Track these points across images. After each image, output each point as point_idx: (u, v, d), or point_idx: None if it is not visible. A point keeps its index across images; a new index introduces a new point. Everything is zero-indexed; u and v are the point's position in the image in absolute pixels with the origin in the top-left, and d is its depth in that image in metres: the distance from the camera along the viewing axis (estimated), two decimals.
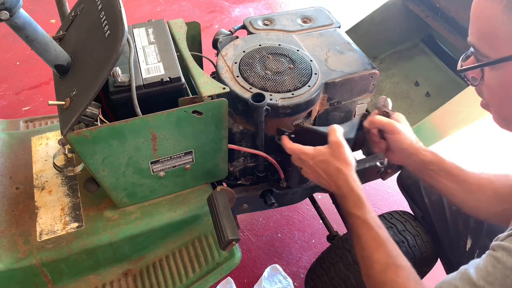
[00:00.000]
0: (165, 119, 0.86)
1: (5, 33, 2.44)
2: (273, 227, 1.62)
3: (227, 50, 1.09)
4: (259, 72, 1.02)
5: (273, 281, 1.42)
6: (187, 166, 1.00)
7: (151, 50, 1.01)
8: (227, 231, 0.89)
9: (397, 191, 1.73)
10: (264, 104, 0.89)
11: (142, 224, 1.02)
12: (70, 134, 0.80)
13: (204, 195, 1.06)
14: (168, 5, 2.84)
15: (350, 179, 0.84)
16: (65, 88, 0.89)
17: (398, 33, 1.60)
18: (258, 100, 0.90)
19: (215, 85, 0.91)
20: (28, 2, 2.71)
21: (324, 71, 1.07)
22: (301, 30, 1.21)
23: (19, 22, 0.77)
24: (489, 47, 0.62)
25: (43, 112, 2.01)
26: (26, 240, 0.96)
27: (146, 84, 0.92)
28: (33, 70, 2.26)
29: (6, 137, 1.19)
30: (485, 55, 0.63)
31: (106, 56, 0.79)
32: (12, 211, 1.01)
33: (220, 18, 2.76)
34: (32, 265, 0.94)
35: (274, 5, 2.95)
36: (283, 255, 1.53)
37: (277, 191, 1.13)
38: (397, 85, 1.58)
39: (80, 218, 1.01)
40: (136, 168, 0.94)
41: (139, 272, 1.06)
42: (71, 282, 1.02)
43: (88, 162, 0.87)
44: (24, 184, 1.07)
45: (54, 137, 1.20)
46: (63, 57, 0.89)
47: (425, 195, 1.14)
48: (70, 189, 1.07)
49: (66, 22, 1.01)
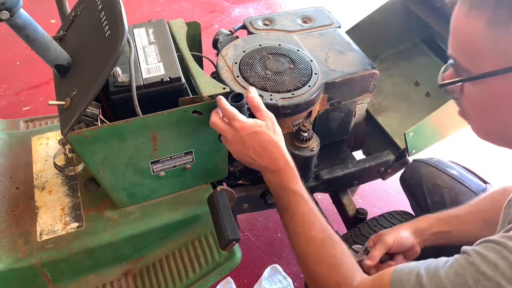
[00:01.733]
0: (165, 119, 0.86)
1: (5, 33, 2.44)
2: (273, 227, 1.62)
3: (227, 50, 1.09)
4: (259, 72, 1.02)
5: (273, 281, 1.42)
6: (187, 166, 1.00)
7: (151, 50, 1.01)
8: (227, 231, 0.89)
9: (397, 191, 1.73)
10: (243, 103, 0.85)
11: (142, 224, 1.02)
12: (70, 134, 0.80)
13: (204, 195, 1.06)
14: (168, 5, 2.84)
15: (286, 153, 0.81)
16: (65, 88, 0.89)
17: (398, 33, 1.60)
18: (237, 100, 0.86)
19: (215, 85, 0.91)
20: (28, 2, 2.70)
21: (324, 71, 1.07)
22: (301, 30, 1.21)
23: (19, 22, 0.77)
24: (470, 62, 0.61)
25: (43, 112, 2.01)
26: (26, 240, 0.96)
27: (146, 84, 0.92)
28: (33, 70, 2.26)
29: (6, 137, 1.19)
30: (466, 69, 0.62)
31: (106, 56, 0.79)
32: (12, 211, 1.01)
33: (220, 18, 2.76)
34: (32, 265, 0.94)
35: (274, 5, 2.95)
36: (283, 255, 1.53)
37: None
38: (397, 85, 1.58)
39: (80, 218, 1.01)
40: (136, 168, 0.94)
41: (139, 272, 1.06)
42: (71, 282, 1.02)
43: (88, 162, 0.87)
44: (24, 184, 1.07)
45: (54, 137, 1.20)
46: (63, 57, 0.89)
47: (428, 195, 1.13)
48: (70, 189, 1.07)
49: (66, 22, 1.01)
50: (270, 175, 0.82)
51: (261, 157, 0.81)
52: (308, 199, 0.80)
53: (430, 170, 1.16)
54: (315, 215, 0.78)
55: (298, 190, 0.80)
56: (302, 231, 0.77)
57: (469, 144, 1.96)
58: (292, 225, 0.79)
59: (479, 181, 1.13)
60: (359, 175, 1.23)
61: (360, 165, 1.22)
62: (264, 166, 0.81)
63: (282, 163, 0.80)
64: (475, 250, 0.59)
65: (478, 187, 1.10)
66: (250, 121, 0.81)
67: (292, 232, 0.80)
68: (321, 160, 1.24)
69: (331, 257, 0.74)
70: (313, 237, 0.76)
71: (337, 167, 1.21)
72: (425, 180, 1.15)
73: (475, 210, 0.93)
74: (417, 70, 1.59)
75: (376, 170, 1.26)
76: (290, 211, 0.80)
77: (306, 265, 0.77)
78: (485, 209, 0.91)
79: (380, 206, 1.73)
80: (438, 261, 0.63)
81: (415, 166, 1.20)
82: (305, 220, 0.78)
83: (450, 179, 1.12)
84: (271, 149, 0.80)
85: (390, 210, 1.20)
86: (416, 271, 0.63)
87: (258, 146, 0.80)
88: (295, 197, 0.79)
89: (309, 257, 0.76)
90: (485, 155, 1.94)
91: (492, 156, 1.94)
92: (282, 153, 0.81)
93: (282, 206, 0.82)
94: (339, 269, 0.73)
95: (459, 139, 1.87)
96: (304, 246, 0.77)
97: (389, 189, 1.79)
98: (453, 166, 1.17)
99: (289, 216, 0.80)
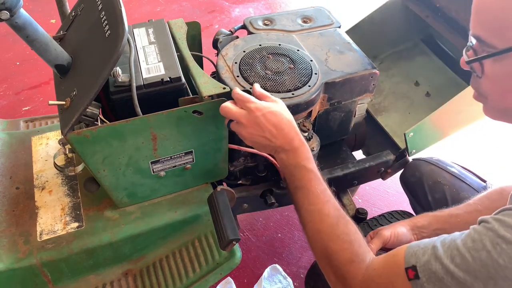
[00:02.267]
0: (165, 119, 0.86)
1: (5, 33, 2.44)
2: (273, 227, 1.62)
3: (227, 50, 1.09)
4: (259, 72, 1.02)
5: (273, 281, 1.42)
6: (187, 166, 1.00)
7: (152, 50, 1.01)
8: (228, 231, 0.89)
9: (397, 191, 1.73)
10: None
11: (142, 224, 1.02)
12: (71, 134, 0.80)
13: (204, 195, 1.06)
14: (168, 5, 2.84)
15: (299, 132, 0.83)
16: (66, 88, 0.89)
17: (398, 33, 1.60)
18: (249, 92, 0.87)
19: (216, 85, 0.91)
20: (28, 2, 2.70)
21: (324, 71, 1.07)
22: (301, 30, 1.21)
23: (19, 22, 0.77)
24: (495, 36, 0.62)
25: (43, 112, 2.01)
26: (26, 240, 0.96)
27: (146, 84, 0.92)
28: (33, 70, 2.26)
29: (6, 137, 1.19)
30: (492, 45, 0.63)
31: (107, 56, 0.79)
32: (12, 211, 1.01)
33: (220, 18, 2.76)
34: (32, 265, 0.94)
35: (274, 5, 2.95)
36: (283, 255, 1.53)
37: (277, 191, 1.13)
38: (397, 85, 1.58)
39: (80, 218, 1.01)
40: (136, 168, 0.94)
41: (139, 272, 1.06)
42: (71, 282, 1.01)
43: (88, 162, 0.87)
44: (24, 184, 1.07)
45: (54, 137, 1.20)
46: (63, 57, 0.88)
47: (428, 192, 1.14)
48: (70, 189, 1.07)
49: (66, 22, 1.01)
50: (285, 154, 0.82)
51: (276, 137, 0.81)
52: (322, 178, 0.80)
53: (431, 168, 1.16)
54: (329, 194, 0.79)
55: (313, 168, 0.81)
56: (316, 209, 0.77)
57: (469, 144, 1.96)
58: (307, 203, 0.79)
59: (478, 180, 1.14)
60: (359, 175, 1.24)
61: (360, 165, 1.22)
62: (278, 145, 0.82)
63: (297, 141, 0.81)
64: (494, 217, 0.60)
65: (478, 184, 1.11)
66: (265, 103, 0.82)
67: (305, 210, 0.79)
68: (321, 160, 1.24)
69: (345, 235, 0.74)
70: (327, 215, 0.76)
71: (337, 167, 1.21)
72: (426, 177, 1.15)
73: (473, 210, 0.93)
74: (417, 70, 1.59)
75: (376, 170, 1.26)
76: (305, 189, 0.80)
77: (319, 242, 0.77)
78: (483, 209, 0.92)
79: (380, 206, 1.73)
80: (453, 234, 0.64)
81: (416, 165, 1.20)
82: (319, 198, 0.78)
83: (451, 176, 1.13)
84: (287, 128, 0.81)
85: (390, 210, 1.20)
86: (431, 244, 0.64)
87: (274, 125, 0.80)
88: (310, 175, 0.80)
89: (323, 234, 0.76)
90: (485, 155, 1.94)
91: (492, 156, 1.94)
92: (297, 132, 0.82)
93: (296, 185, 0.81)
94: (353, 247, 0.73)
95: (459, 139, 1.87)
96: (318, 224, 0.77)
97: (389, 189, 1.79)
98: (453, 165, 1.18)
99: (303, 194, 0.80)
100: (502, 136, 2.02)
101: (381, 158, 1.24)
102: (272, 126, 0.80)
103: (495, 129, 2.01)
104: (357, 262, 0.72)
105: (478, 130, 1.96)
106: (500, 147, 1.98)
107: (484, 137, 2.00)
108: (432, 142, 1.30)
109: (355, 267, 0.72)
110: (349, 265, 0.72)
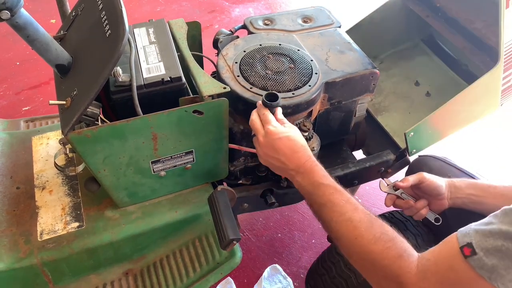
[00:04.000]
0: (166, 118, 0.87)
1: (5, 33, 2.44)
2: (273, 227, 1.62)
3: (228, 50, 1.09)
4: (260, 71, 1.02)
5: (273, 281, 1.42)
6: (187, 166, 1.00)
7: (152, 49, 1.01)
8: (228, 231, 0.89)
9: None
10: (278, 104, 0.88)
11: (142, 224, 1.02)
12: (71, 134, 0.80)
13: (204, 195, 1.06)
14: (168, 5, 2.84)
15: (313, 156, 0.86)
16: (66, 87, 0.89)
17: (398, 33, 1.60)
18: (271, 99, 0.88)
19: (216, 84, 0.91)
20: (28, 2, 2.70)
21: (325, 70, 1.07)
22: (301, 30, 1.21)
23: (20, 22, 0.77)
24: None
25: (43, 112, 2.00)
26: (27, 240, 0.96)
27: (147, 83, 0.92)
28: (33, 70, 2.26)
29: (7, 137, 1.19)
30: None
31: (107, 55, 0.79)
32: (13, 211, 1.01)
33: (220, 18, 2.76)
34: (33, 265, 0.94)
35: (274, 5, 2.95)
36: (283, 255, 1.53)
37: (277, 190, 1.13)
38: (397, 85, 1.58)
39: (81, 218, 1.01)
40: (137, 168, 0.94)
41: (140, 272, 1.06)
42: (72, 282, 1.02)
43: (89, 162, 0.87)
44: (24, 184, 1.07)
45: (54, 136, 1.20)
46: (64, 56, 0.89)
47: None
48: (70, 189, 1.07)
49: (66, 22, 1.01)
50: (300, 177, 0.84)
51: (290, 159, 0.84)
52: (343, 189, 0.81)
53: (440, 164, 1.16)
54: (355, 202, 0.79)
55: (331, 183, 0.82)
56: (346, 218, 0.77)
57: (469, 144, 1.96)
58: (335, 216, 0.78)
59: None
60: (359, 174, 1.24)
61: (361, 165, 1.22)
62: (292, 168, 0.85)
63: (310, 163, 0.84)
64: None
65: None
66: (282, 128, 0.86)
67: (336, 223, 0.78)
68: (321, 160, 1.23)
69: (384, 234, 0.73)
70: (359, 221, 0.75)
71: (337, 167, 1.21)
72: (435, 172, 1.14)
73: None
74: (417, 70, 1.59)
75: (377, 169, 1.26)
76: (330, 203, 0.79)
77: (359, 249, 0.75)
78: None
79: (380, 206, 1.73)
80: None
81: (424, 160, 1.20)
82: (346, 207, 0.78)
83: (460, 172, 1.13)
84: (301, 152, 0.85)
85: (390, 210, 1.20)
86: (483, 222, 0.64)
87: (288, 148, 0.84)
88: (330, 189, 0.80)
89: (361, 240, 0.74)
90: (485, 155, 1.94)
91: (492, 156, 1.94)
92: (310, 156, 0.86)
93: (319, 202, 0.81)
94: (396, 243, 0.72)
95: (459, 139, 1.87)
96: (353, 231, 0.75)
97: None
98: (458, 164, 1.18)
99: (329, 208, 0.79)
100: (502, 136, 2.02)
101: (381, 158, 1.24)
102: (287, 149, 0.84)
103: (495, 129, 2.01)
104: (407, 256, 0.70)
105: (478, 130, 1.96)
106: (500, 147, 1.98)
107: (484, 137, 2.00)
108: (432, 141, 1.30)
109: (406, 260, 0.70)
110: (399, 261, 0.70)
